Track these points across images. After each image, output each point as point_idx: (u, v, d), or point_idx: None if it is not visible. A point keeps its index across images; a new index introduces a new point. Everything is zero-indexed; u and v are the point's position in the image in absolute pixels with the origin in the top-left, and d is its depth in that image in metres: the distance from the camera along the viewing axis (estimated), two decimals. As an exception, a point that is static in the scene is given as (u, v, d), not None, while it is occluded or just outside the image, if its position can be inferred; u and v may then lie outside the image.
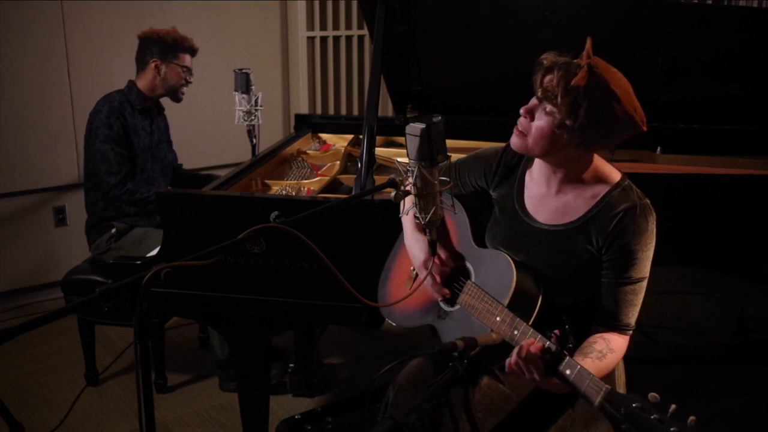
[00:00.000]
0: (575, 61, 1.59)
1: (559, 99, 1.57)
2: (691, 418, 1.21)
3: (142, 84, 3.10)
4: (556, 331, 1.50)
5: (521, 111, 1.67)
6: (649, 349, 3.39)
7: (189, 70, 3.14)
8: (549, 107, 1.60)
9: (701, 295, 4.06)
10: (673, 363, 3.33)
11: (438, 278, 1.80)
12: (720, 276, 4.28)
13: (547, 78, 1.60)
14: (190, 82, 3.18)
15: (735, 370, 3.29)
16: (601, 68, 1.59)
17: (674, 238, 2.39)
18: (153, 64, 3.07)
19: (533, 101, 1.65)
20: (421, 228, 1.67)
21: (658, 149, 2.97)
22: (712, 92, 2.94)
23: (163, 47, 3.08)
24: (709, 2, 4.33)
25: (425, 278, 1.79)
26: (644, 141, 2.92)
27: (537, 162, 1.78)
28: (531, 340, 1.51)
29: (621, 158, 2.84)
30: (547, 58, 1.62)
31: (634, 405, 1.28)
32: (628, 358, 1.76)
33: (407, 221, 1.93)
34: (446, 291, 1.80)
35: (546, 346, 1.48)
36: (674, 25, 2.78)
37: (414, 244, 1.87)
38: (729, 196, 2.47)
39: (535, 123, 1.64)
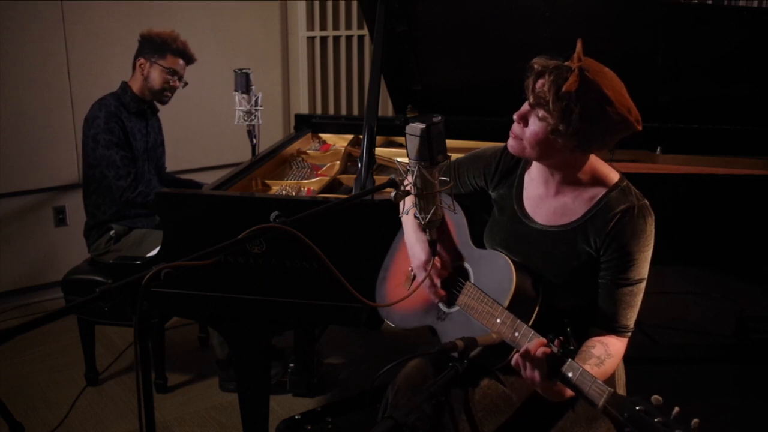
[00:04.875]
0: (566, 64, 1.57)
1: (551, 105, 1.56)
2: (695, 420, 1.20)
3: (134, 85, 3.04)
4: (561, 338, 1.49)
5: (514, 117, 1.66)
6: (649, 349, 3.39)
7: (174, 72, 3.02)
8: (541, 113, 1.59)
9: (701, 295, 4.06)
10: (673, 363, 3.33)
11: (437, 280, 1.80)
12: (720, 276, 4.28)
13: (539, 83, 1.58)
14: (176, 87, 3.07)
15: (735, 370, 3.29)
16: (593, 70, 1.56)
17: (674, 238, 2.39)
18: (139, 63, 3.02)
19: (525, 106, 1.64)
20: (421, 228, 1.67)
21: (658, 149, 2.97)
22: (712, 92, 2.94)
23: (151, 46, 3.01)
24: (709, 2, 4.33)
25: (424, 279, 1.79)
26: (644, 141, 2.94)
27: (535, 163, 1.77)
28: (537, 342, 1.50)
29: (621, 158, 2.84)
30: (538, 62, 1.60)
31: (637, 408, 1.27)
32: (628, 358, 1.76)
33: (408, 221, 1.92)
34: (443, 293, 1.80)
35: (548, 347, 1.48)
36: (674, 25, 2.79)
37: (415, 244, 1.86)
38: (729, 196, 2.47)
39: (529, 128, 1.63)
